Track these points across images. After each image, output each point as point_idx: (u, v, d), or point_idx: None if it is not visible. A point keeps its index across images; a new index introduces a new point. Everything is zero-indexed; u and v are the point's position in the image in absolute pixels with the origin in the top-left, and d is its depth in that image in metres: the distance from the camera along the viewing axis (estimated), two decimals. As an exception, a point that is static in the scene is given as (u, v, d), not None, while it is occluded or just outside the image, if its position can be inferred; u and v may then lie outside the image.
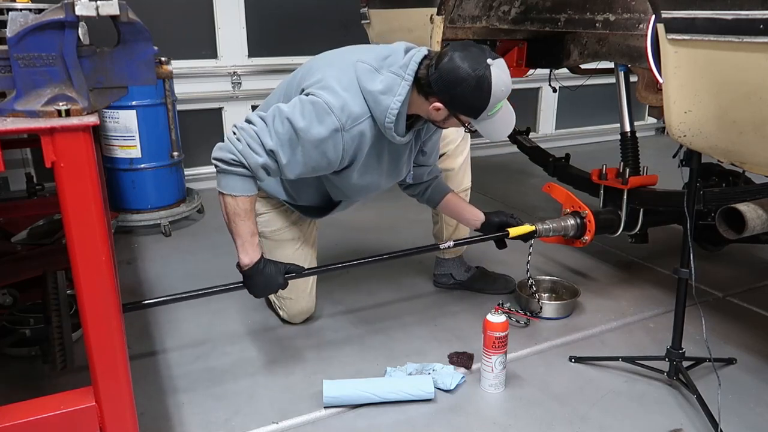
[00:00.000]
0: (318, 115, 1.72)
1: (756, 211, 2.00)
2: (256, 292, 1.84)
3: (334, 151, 1.77)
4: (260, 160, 1.72)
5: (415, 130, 1.91)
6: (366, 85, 1.75)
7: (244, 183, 1.75)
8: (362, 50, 1.89)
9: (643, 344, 2.18)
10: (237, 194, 1.75)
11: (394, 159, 1.96)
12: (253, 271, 1.80)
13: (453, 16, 2.58)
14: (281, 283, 1.84)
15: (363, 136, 1.80)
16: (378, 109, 1.76)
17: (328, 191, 2.07)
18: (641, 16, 2.03)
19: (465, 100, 1.70)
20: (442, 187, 2.26)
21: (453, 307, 2.44)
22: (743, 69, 1.46)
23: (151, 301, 1.87)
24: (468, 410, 1.82)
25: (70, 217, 1.13)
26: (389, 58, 1.79)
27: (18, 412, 1.23)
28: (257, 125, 1.75)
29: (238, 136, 1.73)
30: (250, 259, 1.80)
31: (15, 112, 1.12)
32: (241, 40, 3.97)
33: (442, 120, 1.81)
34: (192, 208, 3.39)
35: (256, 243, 1.82)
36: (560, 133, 5.31)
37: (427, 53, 1.78)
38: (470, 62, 1.65)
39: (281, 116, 1.73)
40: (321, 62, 1.90)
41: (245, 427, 1.74)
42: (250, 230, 1.80)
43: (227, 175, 1.75)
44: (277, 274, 1.83)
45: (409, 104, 1.78)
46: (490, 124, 1.76)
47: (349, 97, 1.75)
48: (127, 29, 1.16)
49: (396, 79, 1.75)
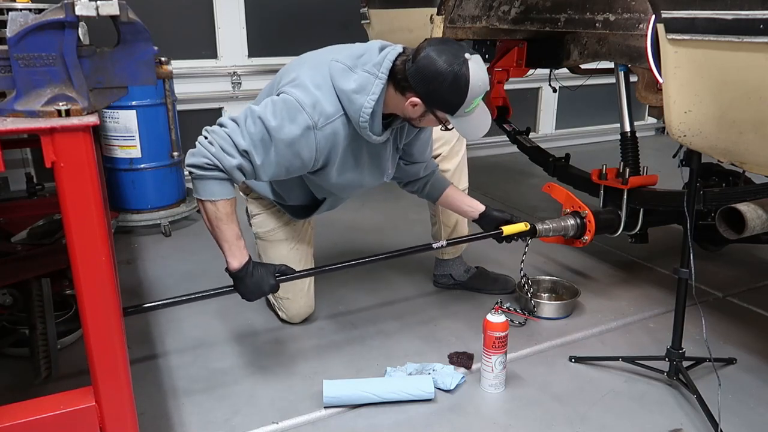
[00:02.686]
0: (289, 113, 1.71)
1: (756, 211, 2.00)
2: (247, 296, 1.81)
3: (308, 150, 1.76)
4: (234, 161, 1.70)
5: (393, 129, 1.90)
6: (339, 84, 1.74)
7: (222, 187, 1.72)
8: (338, 49, 1.87)
9: (643, 344, 2.18)
10: (216, 199, 1.72)
11: (375, 158, 1.95)
12: (243, 273, 1.77)
13: (453, 16, 2.58)
14: (273, 284, 1.81)
15: (336, 135, 1.78)
16: (352, 108, 1.74)
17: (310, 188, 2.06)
18: (641, 16, 2.03)
19: (443, 95, 1.69)
20: (441, 181, 2.26)
21: (453, 307, 2.44)
22: (743, 69, 1.46)
23: (148, 305, 1.81)
24: (468, 410, 1.82)
25: (70, 217, 1.13)
26: (363, 57, 1.78)
27: (18, 412, 1.23)
28: (229, 127, 1.73)
29: (210, 140, 1.70)
30: (239, 262, 1.77)
31: (15, 112, 1.12)
32: (241, 40, 3.97)
33: (418, 117, 1.78)
34: (192, 208, 3.39)
35: (243, 246, 1.78)
36: (560, 133, 5.31)
37: (402, 50, 1.77)
38: (448, 57, 1.65)
39: (253, 116, 1.71)
40: (297, 63, 1.90)
41: (245, 427, 1.74)
42: (235, 233, 1.77)
43: (204, 181, 1.71)
44: (267, 275, 1.80)
45: (385, 103, 1.78)
46: (467, 121, 1.75)
47: (321, 95, 1.73)
48: (127, 29, 1.16)
49: (369, 77, 1.74)
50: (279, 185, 2.08)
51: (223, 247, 1.78)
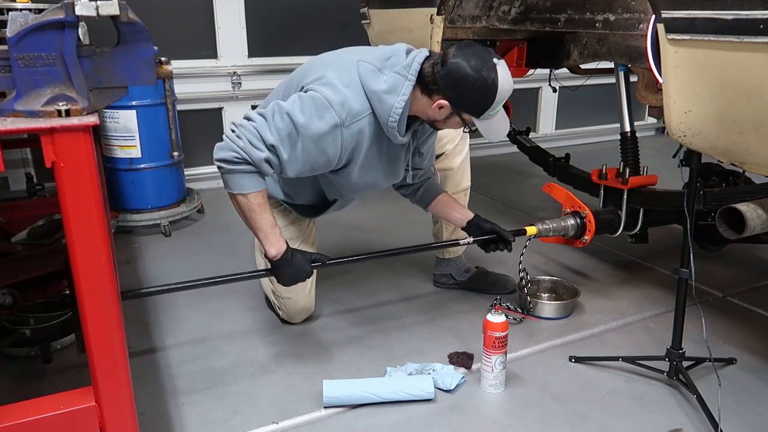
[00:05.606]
0: (318, 110, 1.72)
1: (756, 211, 2.00)
2: (284, 281, 1.88)
3: (333, 147, 1.78)
4: (262, 154, 1.72)
5: (413, 130, 1.92)
6: (370, 84, 1.76)
7: (252, 179, 1.76)
8: (363, 51, 1.90)
9: (643, 344, 2.18)
10: (247, 191, 1.76)
11: (392, 159, 1.97)
12: (283, 261, 1.83)
13: (453, 16, 2.58)
14: (309, 271, 1.88)
15: (362, 134, 1.80)
16: (382, 108, 1.76)
17: (324, 191, 2.07)
18: (641, 16, 2.03)
19: (471, 98, 1.72)
20: (435, 188, 2.26)
21: (453, 307, 2.44)
22: (743, 69, 1.46)
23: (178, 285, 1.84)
24: (468, 410, 1.82)
25: (70, 217, 1.13)
26: (392, 59, 1.81)
27: (18, 412, 1.23)
28: (257, 121, 1.75)
29: (238, 134, 1.73)
30: (277, 249, 1.83)
31: (15, 112, 1.12)
32: (241, 40, 3.97)
33: (443, 119, 1.81)
34: (192, 208, 3.39)
35: (278, 233, 1.84)
36: (560, 133, 5.31)
37: (429, 54, 1.80)
38: (477, 61, 1.69)
39: (281, 111, 1.73)
40: (321, 62, 1.90)
41: (245, 427, 1.74)
42: (269, 222, 1.82)
43: (233, 175, 1.74)
44: (304, 262, 1.86)
45: (411, 104, 1.80)
46: (490, 123, 1.78)
47: (350, 94, 1.75)
48: (127, 29, 1.16)
49: (400, 79, 1.76)
50: (289, 184, 2.09)
51: (259, 236, 1.83)
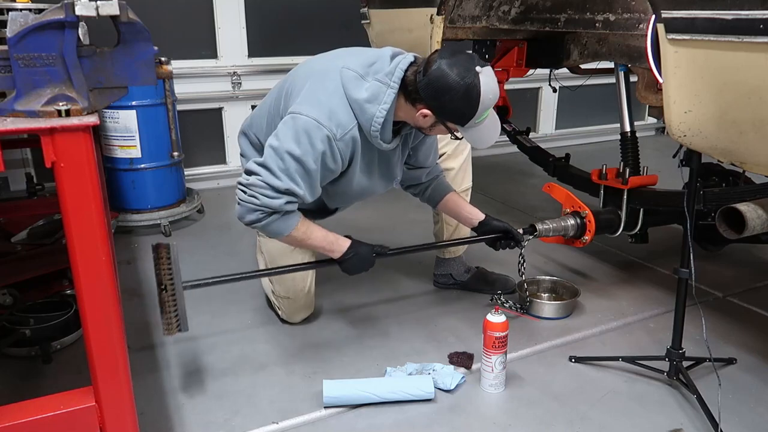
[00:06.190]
0: (309, 135, 1.74)
1: (756, 211, 2.00)
2: (351, 271, 1.96)
3: (333, 161, 1.81)
4: (282, 200, 1.77)
5: (402, 135, 1.92)
6: (351, 93, 1.76)
7: (285, 220, 1.81)
8: (349, 55, 1.88)
9: (643, 344, 2.18)
10: (288, 233, 1.83)
11: (385, 163, 1.98)
12: (350, 254, 1.92)
13: (453, 16, 2.58)
14: (372, 262, 1.97)
15: (355, 142, 1.82)
16: (363, 117, 1.77)
17: (324, 201, 2.07)
18: (641, 16, 2.03)
19: (454, 108, 1.70)
20: (443, 186, 2.26)
21: (453, 307, 2.44)
22: (743, 69, 1.46)
23: (235, 276, 1.94)
24: (468, 410, 1.82)
25: (70, 217, 1.13)
26: (375, 65, 1.79)
27: (18, 412, 1.23)
28: (262, 174, 1.76)
29: (251, 194, 1.76)
30: (340, 251, 1.92)
31: (15, 112, 1.12)
32: (241, 40, 3.97)
33: (428, 127, 1.81)
34: (192, 208, 3.39)
35: (335, 237, 1.92)
36: (560, 133, 5.30)
37: (414, 59, 1.78)
38: (459, 70, 1.65)
39: (279, 153, 1.75)
40: (305, 72, 1.91)
41: (245, 427, 1.74)
42: (322, 236, 1.91)
43: (269, 226, 1.80)
44: (368, 253, 1.95)
45: (395, 111, 1.79)
46: (477, 131, 1.77)
47: (335, 105, 1.76)
48: (127, 29, 1.16)
49: (381, 87, 1.75)
50: None
51: (324, 249, 1.93)
